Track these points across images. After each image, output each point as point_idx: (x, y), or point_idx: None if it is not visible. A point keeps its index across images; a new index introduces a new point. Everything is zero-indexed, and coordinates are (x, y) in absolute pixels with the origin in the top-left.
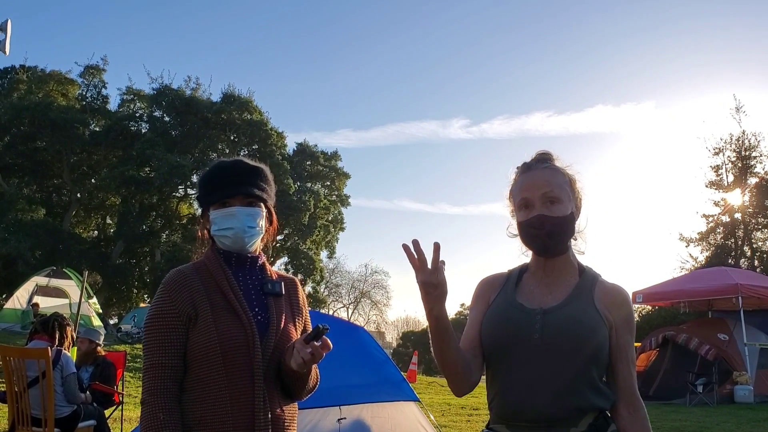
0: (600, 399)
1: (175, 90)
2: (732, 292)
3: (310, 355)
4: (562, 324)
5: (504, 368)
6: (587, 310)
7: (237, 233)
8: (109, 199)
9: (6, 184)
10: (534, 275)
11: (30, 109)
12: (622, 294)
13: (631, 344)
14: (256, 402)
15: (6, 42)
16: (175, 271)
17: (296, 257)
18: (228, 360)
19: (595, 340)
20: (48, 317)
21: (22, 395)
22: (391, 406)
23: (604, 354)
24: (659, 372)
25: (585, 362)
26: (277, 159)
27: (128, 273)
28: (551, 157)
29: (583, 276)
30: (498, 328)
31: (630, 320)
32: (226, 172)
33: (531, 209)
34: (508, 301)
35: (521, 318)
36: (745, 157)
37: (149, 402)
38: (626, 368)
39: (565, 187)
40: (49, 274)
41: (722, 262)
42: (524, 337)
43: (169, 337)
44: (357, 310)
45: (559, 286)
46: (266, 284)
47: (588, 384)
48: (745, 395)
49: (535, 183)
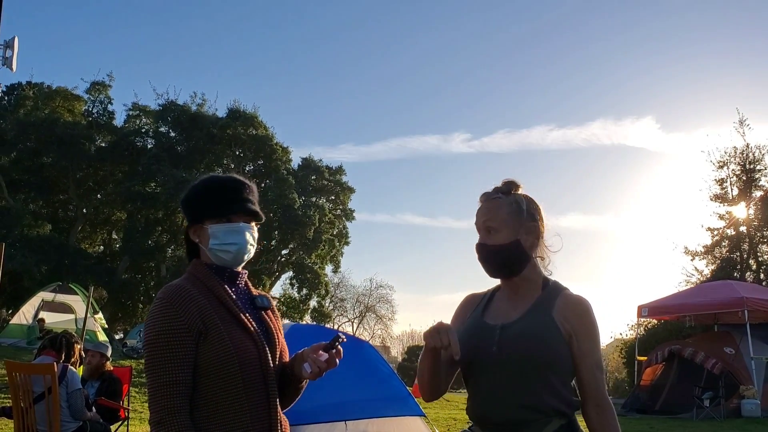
0: (561, 403)
1: (181, 106)
2: (738, 306)
3: (326, 364)
4: (516, 337)
5: (472, 379)
6: (542, 322)
7: (240, 249)
8: (114, 215)
9: (12, 199)
10: (502, 293)
11: (36, 125)
12: (582, 305)
13: (595, 351)
14: (272, 413)
15: (13, 59)
16: (174, 286)
17: (301, 271)
18: (245, 373)
19: (547, 350)
20: (57, 334)
21: (28, 411)
22: (396, 420)
23: (561, 362)
24: (666, 386)
25: (540, 370)
26: (282, 174)
27: (134, 288)
28: (513, 186)
29: (545, 290)
30: (465, 344)
31: (589, 328)
32: (232, 188)
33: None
34: (476, 318)
35: (483, 333)
36: (750, 170)
37: (169, 422)
38: (589, 372)
39: (508, 218)
40: (55, 290)
41: (728, 275)
42: (485, 351)
43: (181, 353)
44: (362, 324)
45: (521, 302)
46: (256, 299)
47: (546, 390)
48: (753, 409)
49: (480, 213)
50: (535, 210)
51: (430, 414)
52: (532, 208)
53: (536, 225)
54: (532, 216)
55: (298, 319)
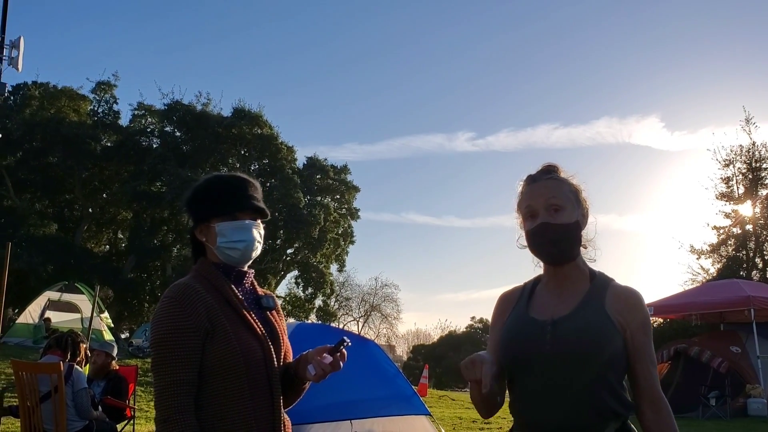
0: (619, 404)
1: (186, 105)
2: (744, 305)
3: (330, 367)
4: (572, 334)
5: (520, 380)
6: (597, 317)
7: (248, 246)
8: (120, 214)
9: (18, 199)
10: (546, 285)
11: (42, 125)
12: (634, 296)
13: (649, 345)
14: (276, 413)
15: (19, 59)
16: (181, 285)
17: (306, 271)
18: (251, 373)
19: (606, 346)
20: (63, 334)
21: (35, 410)
22: (402, 419)
23: (618, 359)
24: (671, 385)
25: (599, 369)
26: (288, 173)
27: (140, 287)
28: (556, 169)
29: (594, 282)
30: (511, 343)
31: (644, 322)
32: (237, 186)
33: (536, 218)
34: (520, 314)
35: (532, 331)
36: (756, 168)
37: (176, 420)
38: (646, 369)
39: (570, 196)
40: (61, 289)
41: (734, 274)
42: (536, 350)
43: (188, 353)
44: (367, 323)
45: (569, 295)
46: (262, 299)
47: (606, 390)
48: (759, 408)
49: (539, 192)
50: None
51: (435, 413)
52: (582, 191)
53: (588, 209)
54: (584, 199)
55: (304, 318)
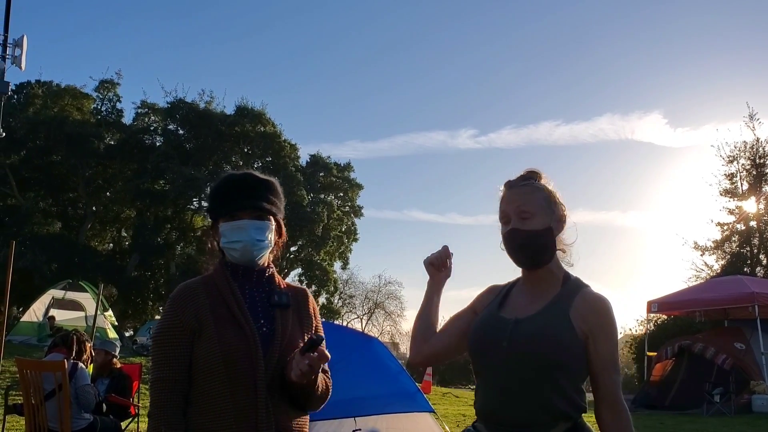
0: (571, 407)
1: (189, 103)
2: (748, 301)
3: (308, 367)
4: (528, 335)
5: (481, 373)
6: (557, 321)
7: (246, 246)
8: (124, 212)
9: (22, 197)
10: (521, 286)
11: (45, 124)
12: (599, 303)
13: (610, 351)
14: (259, 413)
15: (22, 57)
16: (182, 286)
17: (310, 268)
18: (231, 371)
19: (560, 351)
20: (68, 332)
21: (39, 408)
22: (405, 417)
23: (573, 363)
24: (675, 382)
25: (550, 370)
26: (291, 171)
27: (143, 285)
28: (536, 175)
29: (564, 286)
30: (476, 335)
31: (609, 329)
32: (236, 186)
33: (508, 224)
34: (492, 311)
35: (496, 327)
36: (760, 164)
37: (154, 415)
38: (605, 374)
39: (542, 203)
40: (65, 287)
41: (738, 270)
42: (495, 345)
43: (174, 352)
44: (371, 321)
45: (538, 298)
46: (273, 296)
47: (556, 393)
48: (763, 404)
49: (513, 199)
50: (559, 199)
51: (439, 410)
52: (558, 197)
53: (564, 214)
54: (560, 204)
55: None
